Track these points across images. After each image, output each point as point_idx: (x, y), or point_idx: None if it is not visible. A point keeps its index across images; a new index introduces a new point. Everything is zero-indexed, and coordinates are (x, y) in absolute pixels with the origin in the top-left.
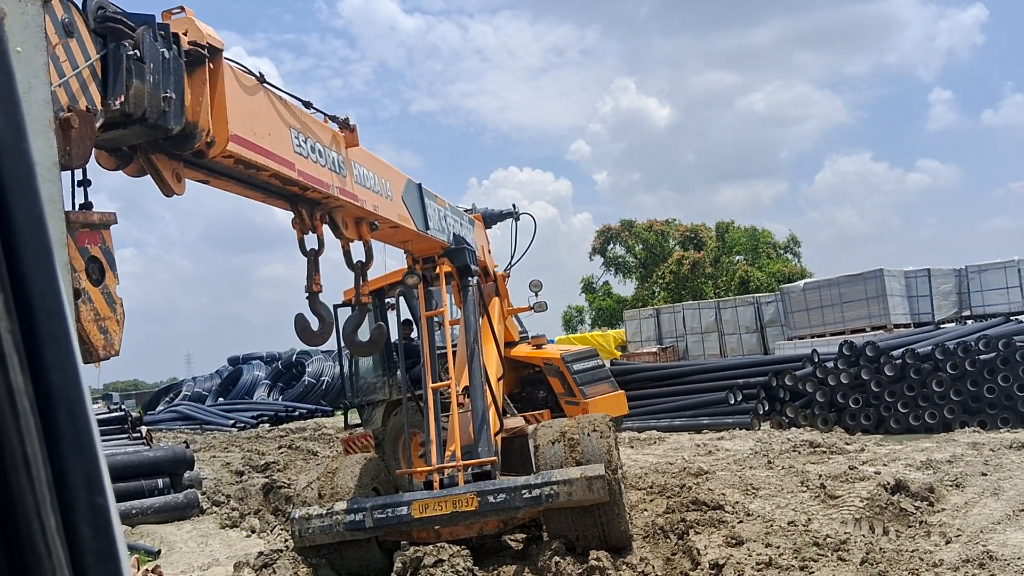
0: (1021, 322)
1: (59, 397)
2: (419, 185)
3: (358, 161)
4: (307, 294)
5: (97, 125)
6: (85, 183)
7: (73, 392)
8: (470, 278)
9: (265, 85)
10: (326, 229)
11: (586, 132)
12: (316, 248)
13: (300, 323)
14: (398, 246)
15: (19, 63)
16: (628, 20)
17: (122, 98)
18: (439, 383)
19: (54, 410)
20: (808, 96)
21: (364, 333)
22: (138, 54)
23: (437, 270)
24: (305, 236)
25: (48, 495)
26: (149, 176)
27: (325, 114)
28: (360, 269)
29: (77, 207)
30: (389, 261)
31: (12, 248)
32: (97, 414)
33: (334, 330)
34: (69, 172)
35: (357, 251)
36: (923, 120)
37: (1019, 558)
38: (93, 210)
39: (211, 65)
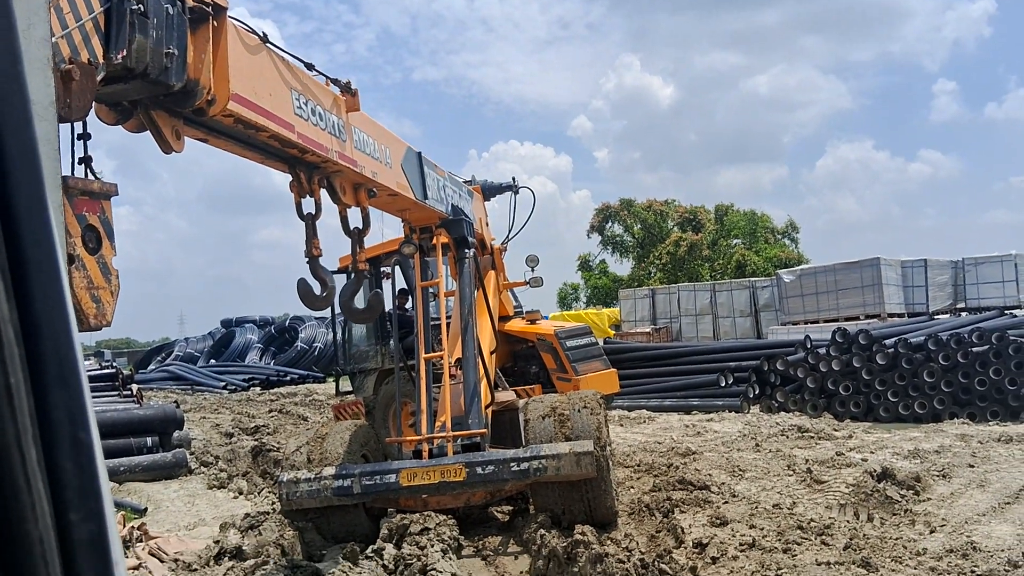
0: (1015, 316)
1: (45, 328)
2: (419, 154)
3: (358, 126)
4: (307, 259)
5: (98, 78)
6: (85, 136)
7: (59, 325)
8: (467, 250)
9: (268, 45)
10: (324, 194)
11: (589, 108)
12: (313, 212)
13: (303, 288)
14: (396, 214)
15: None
16: None
17: (124, 52)
18: (432, 353)
19: (39, 341)
20: (813, 81)
21: (361, 300)
22: (142, 8)
23: (434, 241)
24: (303, 200)
25: (30, 427)
26: (148, 132)
27: (327, 77)
28: (357, 236)
29: (76, 160)
30: (386, 230)
31: (2, 173)
32: (88, 370)
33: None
34: (69, 125)
35: (355, 218)
36: (926, 110)
37: (1002, 550)
38: (94, 179)
39: (215, 23)
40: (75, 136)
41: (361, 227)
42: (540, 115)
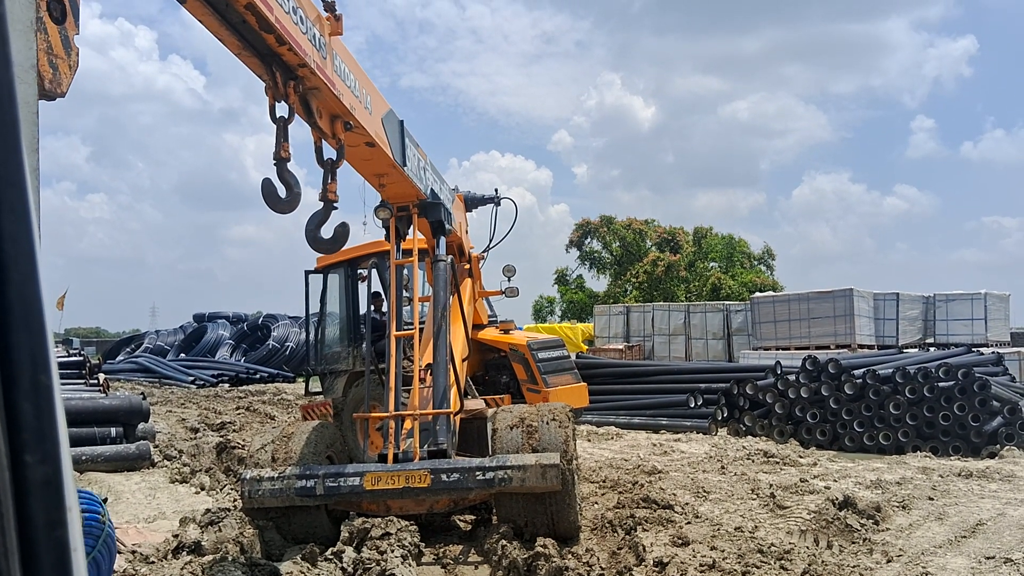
0: (982, 354)
1: (10, 270)
2: (401, 121)
3: (340, 55)
4: (275, 161)
5: None
6: None
7: (25, 267)
8: (442, 238)
9: None
10: (298, 115)
11: (570, 124)
12: (286, 116)
13: (267, 188)
14: (373, 180)
15: None
16: (620, 12)
17: None
18: (403, 331)
19: (4, 284)
20: (792, 109)
21: (328, 231)
22: None
23: (408, 242)
24: (277, 103)
25: None
26: None
27: None
28: (330, 167)
29: None
30: (364, 233)
31: None
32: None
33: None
34: None
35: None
36: (903, 146)
37: None
38: None
39: None
40: None
41: (335, 158)
42: (524, 128)
